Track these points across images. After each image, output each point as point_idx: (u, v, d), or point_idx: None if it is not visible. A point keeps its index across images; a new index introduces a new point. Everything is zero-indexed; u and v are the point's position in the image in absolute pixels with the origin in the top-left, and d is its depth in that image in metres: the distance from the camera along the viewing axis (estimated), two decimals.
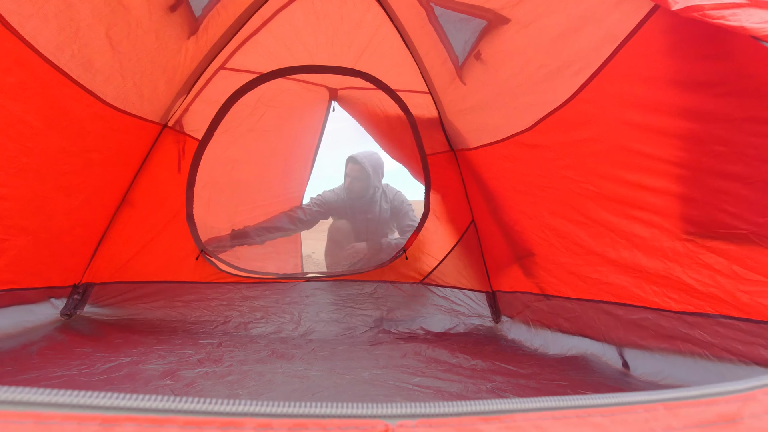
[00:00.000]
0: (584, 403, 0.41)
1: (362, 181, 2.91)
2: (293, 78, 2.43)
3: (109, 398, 0.34)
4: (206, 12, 1.77)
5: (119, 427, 0.33)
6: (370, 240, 2.85)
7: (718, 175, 1.11)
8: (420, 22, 1.93)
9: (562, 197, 1.63)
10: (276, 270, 2.51)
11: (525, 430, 0.39)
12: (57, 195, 1.62)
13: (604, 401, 0.42)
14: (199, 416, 0.35)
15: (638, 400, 0.42)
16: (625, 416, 0.41)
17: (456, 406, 0.39)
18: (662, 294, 1.35)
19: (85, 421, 0.33)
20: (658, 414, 0.41)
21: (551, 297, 1.90)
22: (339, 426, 0.36)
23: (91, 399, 0.34)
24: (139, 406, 0.34)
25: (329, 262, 2.95)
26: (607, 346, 1.62)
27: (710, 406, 0.42)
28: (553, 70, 1.39)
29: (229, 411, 0.35)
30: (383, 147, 2.75)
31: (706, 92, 1.07)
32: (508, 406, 0.41)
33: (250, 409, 0.36)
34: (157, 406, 0.34)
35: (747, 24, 0.81)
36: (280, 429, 0.35)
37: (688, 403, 0.42)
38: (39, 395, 0.33)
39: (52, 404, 0.33)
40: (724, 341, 1.20)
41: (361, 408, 0.38)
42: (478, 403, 0.40)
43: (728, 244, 1.14)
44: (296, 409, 0.37)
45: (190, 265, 2.24)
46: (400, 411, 0.38)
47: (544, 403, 0.41)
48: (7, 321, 1.57)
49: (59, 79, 1.34)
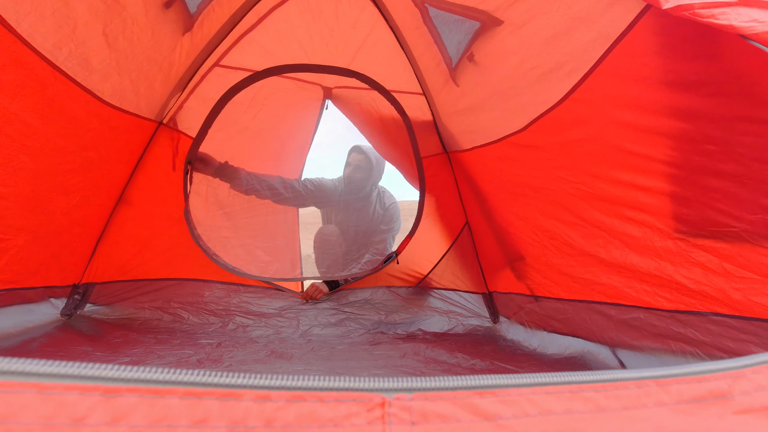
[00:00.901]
0: (577, 379, 0.42)
1: (364, 172, 2.79)
2: (288, 76, 2.43)
3: (111, 369, 0.35)
4: (201, 8, 1.77)
5: (121, 397, 0.34)
6: (358, 242, 2.79)
7: (709, 173, 1.12)
8: (415, 23, 1.95)
9: (554, 198, 1.64)
10: (275, 273, 2.50)
11: (519, 404, 0.40)
12: (56, 194, 1.61)
13: (596, 377, 0.43)
14: (199, 387, 0.35)
15: (630, 377, 0.43)
16: (617, 392, 0.42)
17: (452, 380, 0.40)
18: (654, 293, 1.36)
19: (87, 391, 0.33)
20: (650, 390, 0.42)
21: (543, 299, 1.90)
22: (336, 398, 0.37)
23: (93, 370, 0.34)
24: (141, 377, 0.35)
25: (323, 271, 2.87)
26: (601, 347, 1.63)
27: (701, 383, 0.43)
28: (546, 71, 1.41)
29: (228, 383, 0.36)
30: (377, 147, 2.74)
31: (696, 92, 1.09)
32: (503, 381, 0.42)
33: (249, 381, 0.37)
34: (158, 378, 0.35)
35: (736, 23, 0.82)
36: (279, 400, 0.36)
37: (679, 380, 0.43)
38: (41, 366, 0.34)
39: (54, 375, 0.33)
40: (715, 339, 1.21)
41: (358, 381, 0.38)
42: (474, 378, 0.40)
43: (720, 242, 1.15)
44: (295, 381, 0.37)
45: (189, 264, 2.24)
46: (396, 385, 0.39)
47: (537, 378, 0.42)
48: (7, 321, 1.57)
49: (57, 77, 1.34)
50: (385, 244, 2.72)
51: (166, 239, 2.20)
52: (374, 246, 2.70)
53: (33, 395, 0.33)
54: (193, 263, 2.25)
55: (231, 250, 2.45)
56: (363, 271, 2.52)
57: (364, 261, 2.63)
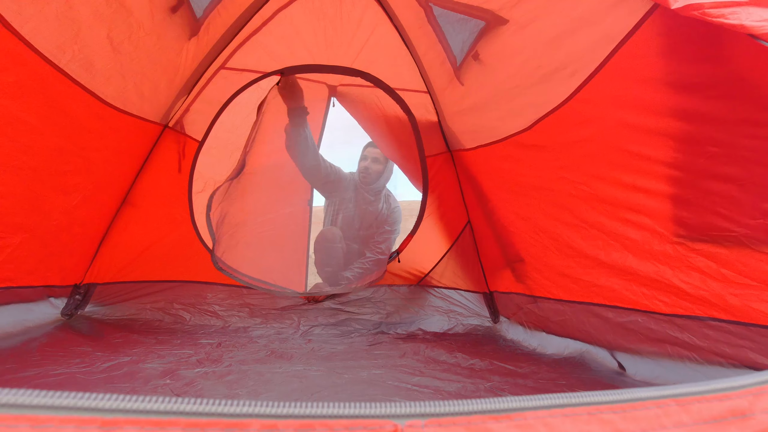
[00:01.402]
0: (594, 400, 0.41)
1: (381, 164, 2.83)
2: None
3: (109, 400, 0.32)
4: (207, 13, 1.77)
5: (120, 430, 0.32)
6: (361, 238, 2.79)
7: (711, 176, 1.12)
8: (419, 22, 1.93)
9: (556, 199, 1.63)
10: (278, 281, 2.48)
11: (535, 429, 0.38)
12: (54, 193, 1.61)
13: (614, 397, 0.41)
14: (203, 418, 0.33)
15: (649, 396, 0.42)
16: (635, 413, 0.41)
17: (465, 404, 0.39)
18: (652, 297, 1.36)
19: (83, 424, 0.31)
20: (670, 410, 0.41)
21: (542, 299, 1.90)
22: (347, 426, 0.35)
23: (89, 401, 0.32)
24: (140, 408, 0.33)
25: (324, 276, 2.85)
26: (599, 349, 1.63)
27: (722, 402, 0.42)
28: (551, 71, 1.40)
29: (234, 412, 0.34)
30: (381, 146, 2.74)
31: (701, 94, 1.08)
32: (518, 404, 0.40)
33: (255, 410, 0.35)
34: (159, 408, 0.33)
35: (746, 22, 0.80)
36: (286, 430, 0.34)
37: (700, 398, 0.42)
38: (34, 397, 0.32)
39: (49, 407, 0.31)
40: (712, 344, 1.21)
41: (369, 408, 0.37)
42: (488, 401, 0.39)
43: (718, 247, 1.14)
44: (303, 409, 0.35)
45: (192, 266, 2.22)
46: (408, 410, 0.37)
47: (554, 400, 0.41)
48: (5, 319, 1.57)
49: (59, 79, 1.34)
50: (388, 244, 2.73)
51: (169, 241, 2.19)
52: (377, 246, 2.71)
53: (26, 430, 0.31)
54: (195, 265, 2.23)
55: (237, 255, 2.43)
56: (366, 277, 2.51)
57: (367, 259, 2.63)
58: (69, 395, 0.32)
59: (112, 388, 1.16)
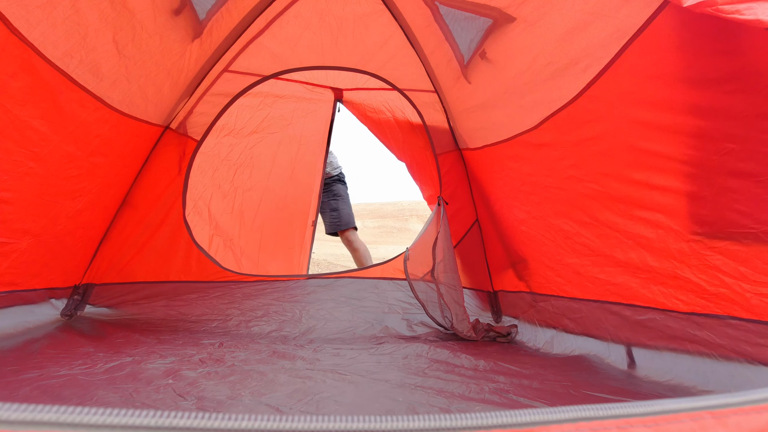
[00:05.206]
0: (624, 412, 0.38)
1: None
2: (297, 80, 2.42)
3: (95, 415, 0.30)
4: (210, 15, 1.76)
5: None
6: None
7: (728, 173, 1.09)
8: (425, 21, 1.92)
9: (567, 197, 1.61)
10: (278, 270, 2.46)
11: None
12: (61, 198, 1.61)
13: (645, 410, 0.38)
14: None
15: (682, 408, 0.38)
16: (669, 426, 0.37)
17: (485, 417, 0.35)
18: (670, 295, 1.33)
19: None
20: (706, 423, 0.37)
21: (556, 297, 1.88)
22: None
23: (73, 416, 0.29)
24: (129, 423, 0.30)
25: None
26: (613, 345, 1.59)
27: (760, 414, 0.39)
28: (561, 67, 1.37)
29: (233, 427, 0.31)
30: (390, 147, 2.72)
31: (716, 89, 1.05)
32: (541, 417, 0.37)
33: (257, 424, 0.32)
34: (151, 423, 0.30)
35: (764, 17, 0.78)
36: None
37: (737, 410, 0.38)
38: (13, 412, 0.29)
39: (29, 422, 0.29)
40: (732, 342, 1.18)
41: (380, 422, 0.34)
42: (510, 414, 0.36)
43: (737, 244, 1.12)
44: (307, 424, 0.32)
45: (190, 265, 2.21)
46: (423, 425, 0.34)
47: (580, 413, 0.37)
48: (7, 321, 1.56)
49: (66, 85, 1.34)
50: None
51: (167, 241, 2.18)
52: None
53: None
54: (194, 265, 2.22)
55: (232, 252, 2.41)
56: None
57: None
58: (51, 409, 0.29)
59: (115, 389, 1.14)
